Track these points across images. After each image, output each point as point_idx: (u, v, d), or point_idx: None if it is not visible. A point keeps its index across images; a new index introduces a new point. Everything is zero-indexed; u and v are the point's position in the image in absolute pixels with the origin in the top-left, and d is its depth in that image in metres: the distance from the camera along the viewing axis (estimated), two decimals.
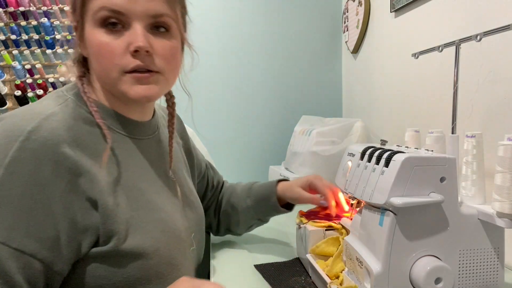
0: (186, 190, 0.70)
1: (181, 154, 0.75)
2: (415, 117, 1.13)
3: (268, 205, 0.81)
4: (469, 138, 0.61)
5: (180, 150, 0.76)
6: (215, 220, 0.88)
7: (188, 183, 0.73)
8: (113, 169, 0.55)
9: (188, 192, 0.70)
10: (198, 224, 0.69)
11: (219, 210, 0.87)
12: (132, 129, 0.61)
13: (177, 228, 0.61)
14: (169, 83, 0.59)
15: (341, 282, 0.61)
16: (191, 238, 0.65)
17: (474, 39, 0.68)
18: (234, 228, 0.87)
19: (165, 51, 0.55)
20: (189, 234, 0.65)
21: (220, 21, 1.62)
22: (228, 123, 1.67)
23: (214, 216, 0.88)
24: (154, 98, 0.58)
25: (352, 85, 1.63)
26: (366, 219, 0.58)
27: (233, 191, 0.87)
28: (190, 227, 0.66)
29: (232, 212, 0.85)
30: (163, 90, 0.58)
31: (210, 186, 0.88)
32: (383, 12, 1.31)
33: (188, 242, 0.64)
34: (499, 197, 0.52)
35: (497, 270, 0.56)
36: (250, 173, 1.68)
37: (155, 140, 0.65)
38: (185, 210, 0.66)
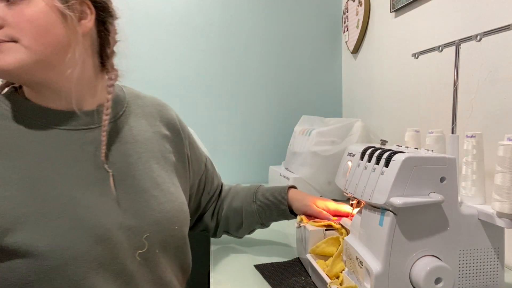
0: (145, 183, 0.63)
1: (159, 145, 0.70)
2: (415, 117, 1.13)
3: (276, 211, 0.82)
4: (469, 138, 0.61)
5: (161, 140, 0.71)
6: (213, 223, 0.86)
7: (155, 177, 0.65)
8: (11, 161, 0.54)
9: (150, 186, 0.63)
10: (160, 223, 0.62)
11: (218, 214, 0.86)
12: (54, 119, 0.60)
13: (103, 226, 0.55)
14: (34, 51, 0.54)
15: (341, 282, 0.61)
16: (140, 240, 0.59)
17: (474, 39, 0.68)
18: (234, 231, 0.86)
19: (18, 18, 0.53)
20: (133, 235, 0.59)
21: (220, 21, 1.62)
22: (228, 123, 1.67)
23: (212, 219, 0.86)
24: (12, 70, 0.54)
25: (352, 85, 1.63)
26: (366, 219, 0.58)
27: (235, 195, 0.86)
28: (141, 226, 0.59)
29: (235, 217, 0.84)
30: (24, 60, 0.54)
31: (207, 190, 0.85)
32: (383, 12, 1.31)
33: (129, 243, 0.58)
34: (499, 197, 0.52)
35: (497, 270, 0.56)
36: (250, 173, 1.68)
37: (98, 130, 0.62)
38: (132, 206, 0.60)
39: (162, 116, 0.74)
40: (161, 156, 0.69)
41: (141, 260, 0.59)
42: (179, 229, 0.65)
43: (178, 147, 0.74)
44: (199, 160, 0.82)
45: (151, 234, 0.60)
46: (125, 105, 0.69)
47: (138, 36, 1.58)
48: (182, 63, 1.62)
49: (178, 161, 0.73)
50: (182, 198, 0.69)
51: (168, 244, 0.64)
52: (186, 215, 0.68)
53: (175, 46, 1.60)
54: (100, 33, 0.64)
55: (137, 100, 0.72)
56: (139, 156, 0.65)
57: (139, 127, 0.68)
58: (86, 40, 0.61)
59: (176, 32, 1.60)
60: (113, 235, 0.56)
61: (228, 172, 1.65)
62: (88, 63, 0.63)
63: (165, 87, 1.61)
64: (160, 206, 0.63)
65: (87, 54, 0.62)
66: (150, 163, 0.66)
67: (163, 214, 0.63)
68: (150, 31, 1.58)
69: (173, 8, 1.59)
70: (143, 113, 0.71)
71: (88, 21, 0.60)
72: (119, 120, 0.66)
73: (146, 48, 1.59)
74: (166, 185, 0.66)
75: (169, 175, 0.69)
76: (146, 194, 0.62)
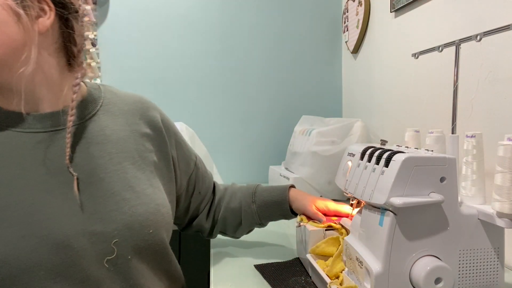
0: (116, 186, 0.60)
1: (137, 144, 0.66)
2: (415, 117, 1.13)
3: (276, 211, 0.81)
4: (469, 138, 0.61)
5: (140, 139, 0.67)
6: (208, 224, 0.84)
7: (128, 178, 0.62)
8: None
9: (120, 188, 0.60)
10: (131, 228, 0.58)
11: (214, 215, 0.84)
12: (15, 122, 0.58)
13: (62, 233, 0.53)
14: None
15: (341, 282, 0.61)
16: (108, 246, 0.56)
17: (474, 39, 0.68)
18: (231, 232, 0.85)
19: None
20: (100, 241, 0.55)
21: (220, 21, 1.62)
22: (228, 123, 1.67)
23: (207, 220, 0.84)
24: None
25: (352, 85, 1.63)
26: (366, 219, 0.58)
27: (233, 196, 0.84)
28: (108, 232, 0.56)
29: (233, 217, 0.83)
30: None
31: (197, 189, 0.81)
32: (383, 12, 1.31)
33: (94, 250, 0.55)
34: (499, 197, 0.52)
35: (497, 270, 0.56)
36: (250, 173, 1.68)
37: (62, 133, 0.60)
38: (98, 210, 0.57)
39: (143, 114, 0.70)
40: (138, 156, 0.65)
41: (110, 267, 0.56)
42: (155, 233, 0.61)
43: (161, 146, 0.70)
44: (187, 158, 0.78)
45: (121, 239, 0.57)
46: (100, 103, 0.66)
47: (138, 36, 1.58)
48: (182, 63, 1.62)
49: (160, 161, 0.69)
50: (160, 200, 0.64)
51: (142, 250, 0.59)
52: (163, 218, 0.63)
53: (175, 46, 1.61)
54: (63, 30, 0.60)
55: (115, 98, 0.69)
56: (110, 157, 0.62)
57: (114, 126, 0.65)
58: (45, 38, 0.58)
59: (176, 32, 1.60)
60: (75, 242, 0.53)
61: (228, 172, 1.65)
62: (50, 63, 0.59)
63: (165, 87, 1.61)
64: (132, 209, 0.59)
65: (48, 53, 0.59)
66: (124, 163, 0.63)
67: (135, 218, 0.59)
68: (150, 31, 1.58)
69: (173, 8, 1.59)
70: (120, 111, 0.68)
71: (47, 19, 0.57)
72: (91, 120, 0.64)
73: (146, 48, 1.59)
74: (141, 187, 0.62)
75: (147, 175, 0.65)
76: (116, 197, 0.59)
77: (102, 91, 0.69)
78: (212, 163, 1.38)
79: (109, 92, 0.70)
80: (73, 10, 0.60)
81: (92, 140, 0.62)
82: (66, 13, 0.59)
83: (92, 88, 0.68)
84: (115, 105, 0.68)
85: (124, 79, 1.58)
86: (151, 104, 0.74)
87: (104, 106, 0.67)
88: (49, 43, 0.59)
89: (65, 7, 0.59)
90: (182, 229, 0.86)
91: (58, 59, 0.61)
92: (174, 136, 0.75)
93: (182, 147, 0.77)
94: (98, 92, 0.68)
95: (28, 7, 0.54)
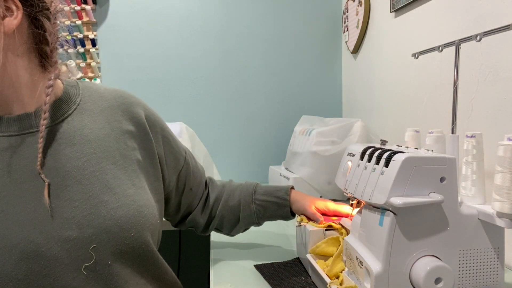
0: (94, 188, 0.57)
1: (118, 142, 0.63)
2: (415, 117, 1.13)
3: (276, 212, 0.81)
4: (469, 138, 0.61)
5: (122, 137, 0.64)
6: (203, 220, 0.82)
7: (107, 180, 0.59)
8: None
9: (99, 191, 0.57)
10: (110, 231, 0.55)
11: (211, 211, 0.83)
12: None
13: (32, 241, 0.51)
14: None
15: (341, 282, 0.61)
16: (85, 252, 0.53)
17: (474, 39, 0.68)
18: (227, 230, 0.84)
19: None
20: (76, 247, 0.53)
21: (220, 21, 1.63)
22: (228, 123, 1.67)
23: (201, 216, 0.82)
24: None
25: (352, 85, 1.63)
26: (366, 219, 0.58)
27: (231, 194, 0.83)
28: (85, 237, 0.53)
29: (231, 216, 0.82)
30: None
31: (188, 186, 0.79)
32: (383, 12, 1.31)
33: (70, 257, 0.53)
34: (499, 197, 0.52)
35: (497, 270, 0.56)
36: (250, 173, 1.68)
37: (36, 136, 0.57)
38: (74, 215, 0.54)
39: (125, 110, 0.67)
40: (120, 155, 0.62)
41: (88, 273, 0.53)
42: (137, 235, 0.58)
43: (145, 143, 0.67)
44: (176, 154, 0.75)
45: (99, 244, 0.54)
46: (77, 102, 0.63)
47: (139, 36, 1.58)
48: (182, 63, 1.62)
49: (144, 159, 0.66)
50: (142, 200, 0.61)
51: (124, 254, 0.56)
52: (146, 220, 0.60)
53: (175, 46, 1.61)
54: (33, 29, 0.57)
55: (94, 95, 0.66)
56: (88, 158, 0.59)
57: (93, 125, 0.62)
58: (12, 39, 0.54)
59: (176, 32, 1.60)
60: (47, 250, 0.51)
61: (228, 172, 1.65)
62: (19, 64, 0.56)
63: (165, 87, 1.61)
64: (111, 212, 0.56)
65: (15, 54, 0.56)
66: (103, 164, 0.60)
67: (114, 221, 0.56)
68: (150, 31, 1.58)
69: (173, 8, 1.59)
70: (100, 109, 0.65)
71: (14, 18, 0.53)
72: (66, 120, 0.61)
73: (146, 48, 1.59)
74: (121, 188, 0.59)
75: (129, 175, 0.62)
76: (94, 200, 0.56)
77: (80, 89, 0.66)
78: (212, 163, 1.38)
79: (88, 89, 0.67)
80: (43, 7, 0.57)
81: (68, 141, 0.59)
82: (35, 11, 0.56)
83: (68, 86, 0.65)
84: (94, 103, 0.65)
85: (124, 79, 1.58)
86: (134, 100, 0.70)
87: (82, 105, 0.63)
88: (17, 44, 0.56)
89: (34, 6, 0.56)
90: (175, 225, 0.84)
91: (29, 60, 0.58)
92: (160, 131, 0.71)
93: (169, 143, 0.73)
94: (76, 90, 0.65)
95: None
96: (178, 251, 1.51)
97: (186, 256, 1.51)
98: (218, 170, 1.42)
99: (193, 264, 1.45)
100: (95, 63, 1.54)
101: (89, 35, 1.53)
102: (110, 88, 0.69)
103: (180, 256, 1.48)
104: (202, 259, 1.39)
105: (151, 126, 0.69)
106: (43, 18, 0.57)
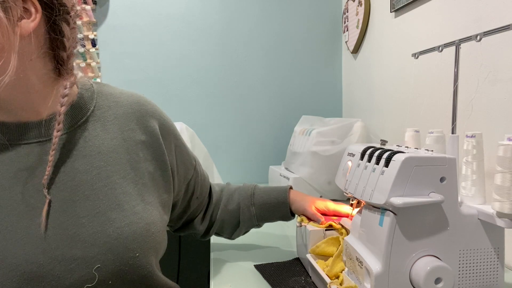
0: (102, 204, 0.55)
1: (129, 154, 0.61)
2: (415, 117, 1.13)
3: (276, 213, 0.81)
4: (469, 138, 0.61)
5: (134, 148, 0.62)
6: (203, 227, 0.82)
7: (116, 195, 0.56)
8: None
9: (107, 207, 0.55)
10: (115, 251, 0.53)
11: (211, 217, 0.82)
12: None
13: (34, 261, 0.49)
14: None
15: (341, 282, 0.61)
16: (89, 272, 0.51)
17: (474, 39, 0.68)
18: (227, 234, 0.84)
19: None
20: (80, 267, 0.51)
21: (220, 21, 1.63)
22: (228, 123, 1.67)
23: (202, 223, 0.82)
24: None
25: (352, 85, 1.63)
26: (366, 219, 0.58)
27: (230, 197, 0.83)
28: (90, 256, 0.51)
29: (231, 219, 0.82)
30: None
31: (196, 194, 0.78)
32: (383, 12, 1.31)
33: (73, 277, 0.50)
34: (499, 197, 0.52)
35: (497, 270, 0.56)
36: (250, 173, 1.68)
37: (49, 144, 0.55)
38: (80, 233, 0.52)
39: (140, 118, 0.64)
40: (131, 168, 0.59)
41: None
42: (141, 256, 0.55)
43: (157, 154, 0.64)
44: (187, 164, 0.73)
45: (103, 264, 0.52)
46: (91, 109, 0.60)
47: (139, 36, 1.58)
48: (182, 63, 1.62)
49: (156, 170, 0.64)
50: (151, 217, 0.59)
51: (125, 275, 0.54)
52: (153, 238, 0.58)
53: (175, 46, 1.61)
54: (51, 33, 0.54)
55: (109, 101, 0.63)
56: (98, 171, 0.56)
57: (105, 135, 0.59)
58: (28, 42, 0.51)
59: (176, 32, 1.60)
60: (49, 271, 0.49)
61: (228, 172, 1.65)
62: (33, 70, 0.53)
63: (165, 87, 1.61)
64: (117, 230, 0.54)
65: (30, 58, 0.52)
66: (113, 178, 0.57)
67: (120, 241, 0.53)
68: (150, 31, 1.58)
69: (174, 8, 1.59)
70: (114, 116, 0.62)
71: (31, 21, 0.50)
72: (78, 129, 0.58)
73: (146, 48, 1.59)
74: (130, 204, 0.57)
75: (139, 189, 0.59)
76: (101, 217, 0.54)
77: (95, 93, 0.62)
78: (212, 163, 1.38)
79: (103, 93, 0.64)
80: (63, 11, 0.54)
81: (78, 152, 0.56)
82: (55, 15, 0.53)
83: (83, 90, 0.62)
84: (108, 109, 0.62)
85: (124, 79, 1.58)
86: (150, 107, 0.67)
87: (96, 112, 0.60)
88: (33, 48, 0.52)
89: (54, 8, 0.53)
90: (174, 231, 0.84)
91: (44, 65, 0.54)
92: (174, 141, 0.70)
93: (182, 152, 0.72)
94: (91, 94, 0.62)
95: (9, 8, 0.48)
96: (178, 251, 1.51)
97: (186, 256, 1.51)
98: (218, 170, 1.42)
99: (193, 264, 1.45)
100: (95, 63, 1.54)
101: (89, 35, 1.53)
102: (126, 92, 0.67)
103: (180, 256, 1.48)
104: (202, 259, 1.39)
105: (165, 136, 0.67)
106: (62, 22, 0.54)
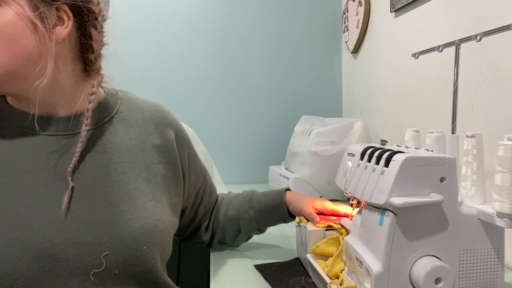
0: (116, 197, 0.58)
1: (145, 154, 0.65)
2: (415, 117, 1.13)
3: (274, 215, 0.81)
4: (469, 138, 0.61)
5: (150, 149, 0.66)
6: (207, 236, 0.84)
7: (130, 190, 0.60)
8: None
9: (120, 200, 0.58)
10: (124, 242, 0.56)
11: (213, 226, 0.84)
12: (24, 122, 0.58)
13: (48, 240, 0.51)
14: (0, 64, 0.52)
15: (341, 282, 0.61)
16: (97, 258, 0.54)
17: (474, 39, 0.68)
18: (230, 241, 0.84)
19: None
20: (89, 252, 0.54)
21: (220, 21, 1.63)
22: (228, 123, 1.67)
23: (206, 233, 0.84)
24: None
25: (352, 85, 1.63)
26: (366, 219, 0.58)
27: (230, 204, 0.84)
28: (100, 243, 0.54)
29: (232, 226, 0.82)
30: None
31: (204, 203, 0.81)
32: (383, 12, 1.31)
33: (82, 261, 0.53)
34: (499, 197, 0.52)
35: (497, 270, 0.56)
36: (250, 173, 1.68)
37: (74, 138, 0.60)
38: (93, 220, 0.55)
39: (158, 124, 0.69)
40: (145, 167, 0.64)
41: (95, 280, 0.54)
42: (148, 250, 0.58)
43: (171, 158, 0.68)
44: (198, 172, 0.77)
45: (112, 252, 0.55)
46: (115, 110, 0.66)
47: (139, 36, 1.58)
48: (182, 63, 1.62)
49: (168, 173, 0.68)
50: (160, 215, 0.62)
51: (131, 266, 0.56)
52: (160, 235, 0.60)
53: (175, 46, 1.61)
54: (81, 38, 0.59)
55: (132, 106, 0.69)
56: (115, 166, 0.60)
57: (125, 135, 0.64)
58: (62, 47, 0.56)
59: (176, 32, 1.60)
60: (60, 251, 0.52)
61: (228, 172, 1.65)
62: (65, 71, 0.58)
63: (165, 87, 1.61)
64: (127, 222, 0.57)
65: (64, 61, 0.58)
66: (128, 174, 0.61)
67: (129, 232, 0.56)
68: (150, 31, 1.58)
69: (173, 8, 1.59)
70: (135, 119, 0.67)
71: (64, 28, 0.56)
72: (102, 127, 0.63)
73: (146, 48, 1.59)
74: (141, 199, 0.60)
75: (151, 188, 0.63)
76: (114, 208, 0.57)
77: (120, 97, 0.68)
78: (212, 163, 1.38)
79: (127, 99, 0.69)
80: (92, 17, 0.59)
81: (100, 147, 0.61)
82: (85, 20, 0.58)
83: (109, 94, 0.67)
84: (130, 113, 0.67)
85: (124, 79, 1.57)
86: (168, 115, 0.72)
87: (119, 114, 0.66)
88: (67, 52, 0.58)
89: (84, 15, 0.57)
90: (181, 240, 0.86)
91: (75, 66, 0.60)
92: (187, 149, 0.74)
93: (194, 161, 0.76)
94: (115, 98, 0.68)
95: (45, 17, 0.53)
96: (178, 252, 1.51)
97: (186, 256, 1.51)
98: (218, 170, 1.42)
99: (193, 264, 1.45)
100: None
101: None
102: (148, 101, 0.72)
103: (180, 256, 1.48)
104: (202, 259, 1.39)
105: (180, 143, 0.71)
106: (91, 27, 0.59)
